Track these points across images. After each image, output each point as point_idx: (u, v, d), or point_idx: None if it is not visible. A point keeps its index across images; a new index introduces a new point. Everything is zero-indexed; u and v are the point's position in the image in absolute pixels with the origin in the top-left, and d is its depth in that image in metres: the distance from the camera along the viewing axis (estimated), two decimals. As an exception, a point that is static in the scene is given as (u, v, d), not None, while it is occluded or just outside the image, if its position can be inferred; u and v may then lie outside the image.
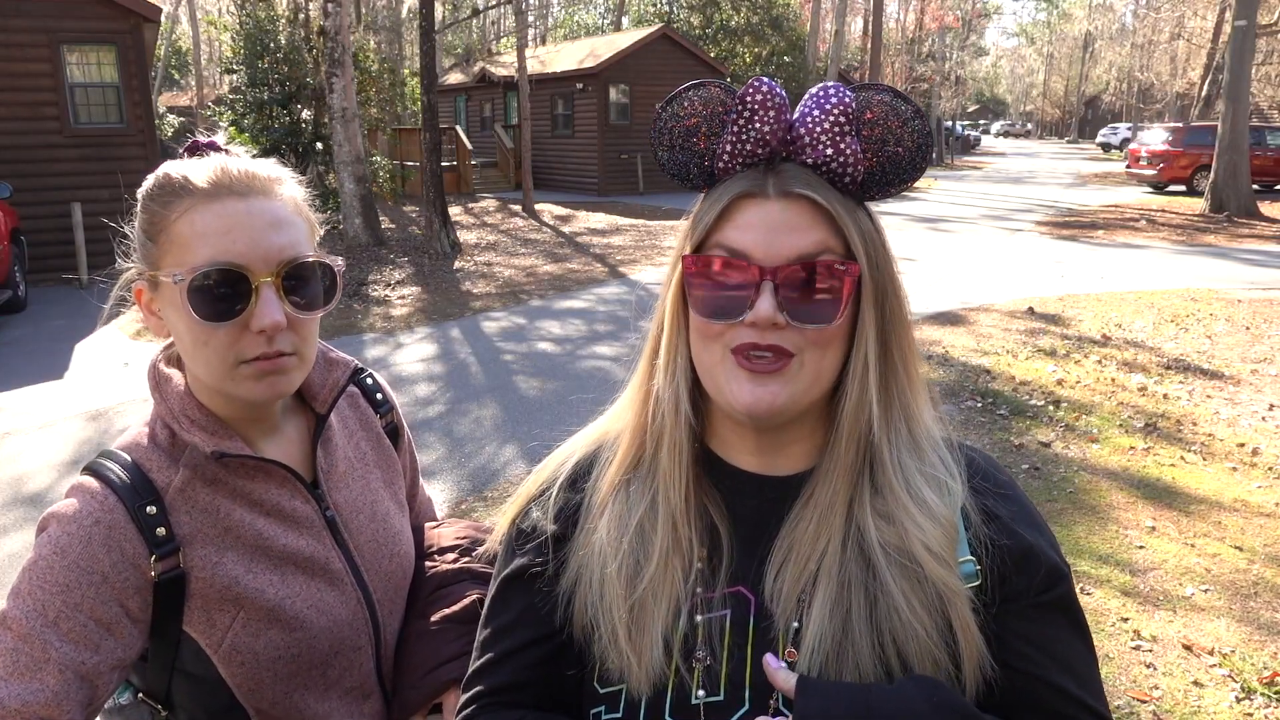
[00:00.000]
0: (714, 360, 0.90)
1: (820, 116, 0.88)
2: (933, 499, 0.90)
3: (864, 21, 39.85)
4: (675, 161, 0.95)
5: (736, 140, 0.89)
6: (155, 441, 1.13)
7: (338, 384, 1.24)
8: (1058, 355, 7.62)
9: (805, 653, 0.87)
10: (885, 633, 0.86)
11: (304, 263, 1.08)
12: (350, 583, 1.19)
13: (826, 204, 0.87)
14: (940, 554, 0.88)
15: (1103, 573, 3.95)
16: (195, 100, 34.77)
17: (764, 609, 0.91)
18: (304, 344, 1.11)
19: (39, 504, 4.87)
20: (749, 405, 0.88)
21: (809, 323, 0.87)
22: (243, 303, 1.04)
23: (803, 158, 0.89)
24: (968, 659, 0.87)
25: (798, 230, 0.87)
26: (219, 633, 1.08)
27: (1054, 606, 0.91)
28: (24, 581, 1.00)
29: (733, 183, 0.90)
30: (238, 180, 1.07)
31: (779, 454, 0.96)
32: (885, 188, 0.92)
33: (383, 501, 1.29)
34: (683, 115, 0.94)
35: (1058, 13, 74.07)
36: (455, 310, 10.18)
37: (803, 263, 0.86)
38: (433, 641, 1.21)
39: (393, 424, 1.39)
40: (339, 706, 1.18)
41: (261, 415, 1.17)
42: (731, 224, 0.89)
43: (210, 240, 1.04)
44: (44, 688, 0.94)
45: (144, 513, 1.05)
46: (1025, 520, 0.94)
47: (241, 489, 1.13)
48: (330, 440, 1.25)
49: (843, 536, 0.90)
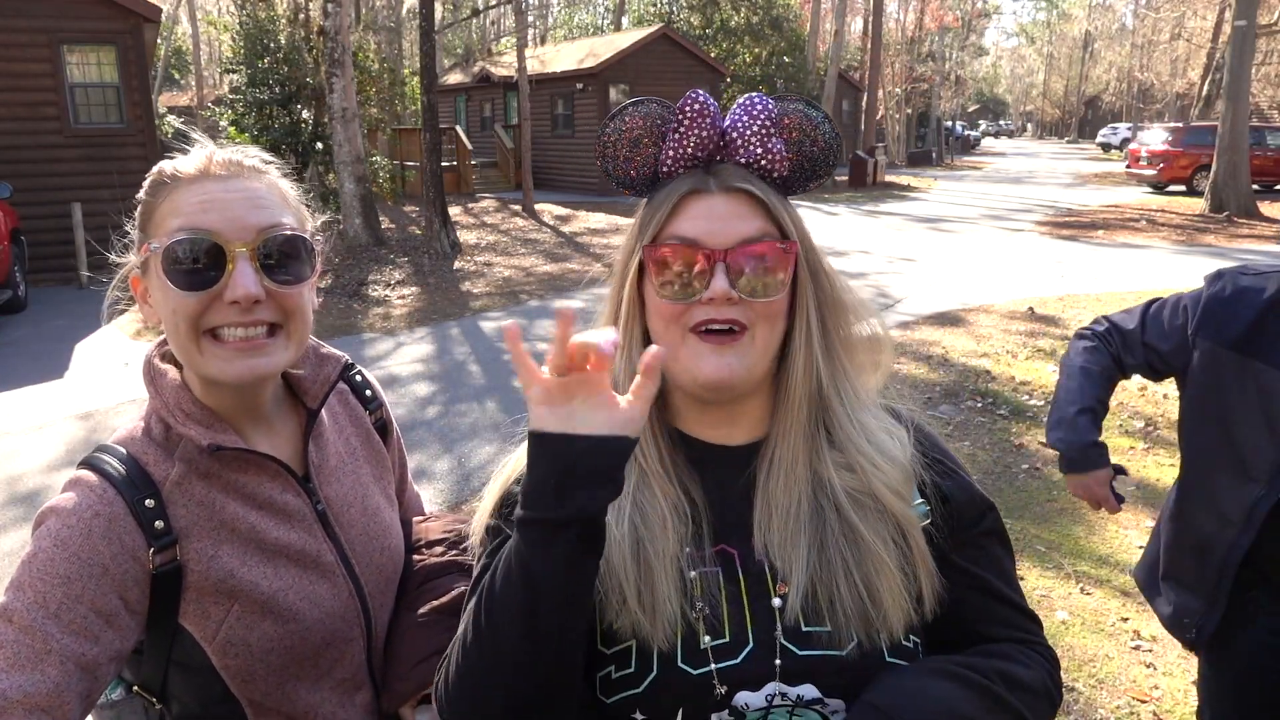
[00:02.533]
0: (675, 340, 1.01)
1: (749, 121, 1.03)
2: (888, 444, 1.05)
3: (864, 21, 39.84)
4: (620, 170, 1.08)
5: (679, 145, 1.03)
6: (150, 435, 1.14)
7: (329, 379, 1.26)
8: (1058, 355, 7.63)
9: (794, 587, 0.98)
10: (855, 567, 0.99)
11: (283, 236, 1.10)
12: (342, 575, 1.21)
13: (763, 195, 1.01)
14: (899, 490, 1.02)
15: (1103, 573, 3.95)
16: (195, 100, 34.77)
17: (749, 560, 1.02)
18: (290, 320, 1.12)
19: (38, 503, 4.86)
20: (711, 376, 0.99)
21: (758, 296, 0.99)
22: (217, 272, 1.06)
23: (736, 157, 1.03)
24: (926, 583, 1.02)
25: (741, 218, 1.00)
26: (214, 625, 1.09)
27: (992, 533, 1.10)
28: (24, 574, 1.00)
29: (678, 183, 1.03)
30: (220, 166, 1.11)
31: (734, 425, 1.08)
32: (806, 180, 1.07)
33: (373, 496, 1.31)
34: (625, 129, 1.06)
35: (1058, 13, 74.08)
36: (455, 310, 10.19)
37: (748, 244, 0.99)
38: (421, 633, 1.23)
39: (382, 420, 1.41)
40: (330, 697, 1.19)
41: (253, 407, 1.18)
42: (682, 217, 1.01)
43: (187, 214, 1.07)
44: (45, 679, 0.94)
45: (142, 506, 1.07)
46: (956, 467, 1.11)
47: (235, 483, 1.14)
48: (321, 435, 1.27)
49: (811, 489, 1.03)
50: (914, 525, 1.02)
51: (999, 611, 1.07)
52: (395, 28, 30.03)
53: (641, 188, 1.08)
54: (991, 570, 1.08)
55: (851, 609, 0.97)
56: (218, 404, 1.15)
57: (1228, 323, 1.88)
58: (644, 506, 1.03)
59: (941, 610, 1.04)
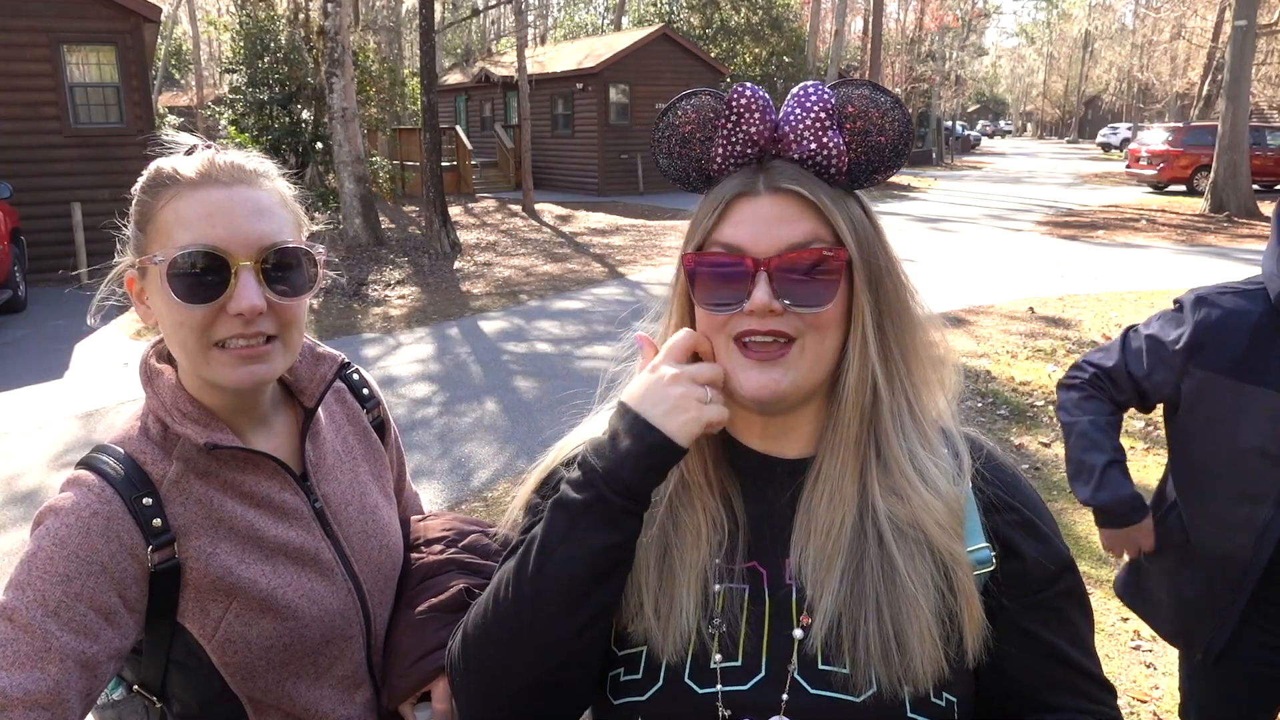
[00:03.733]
0: (720, 351, 0.96)
1: (802, 114, 0.94)
2: (937, 476, 0.96)
3: (864, 21, 39.86)
4: (675, 168, 1.03)
5: (727, 143, 0.96)
6: (148, 435, 1.14)
7: (325, 378, 1.26)
8: (1058, 355, 7.62)
9: (818, 618, 0.93)
10: (886, 605, 0.91)
11: (285, 249, 1.10)
12: (340, 573, 1.21)
13: (812, 196, 0.93)
14: (947, 526, 0.94)
15: (1103, 573, 3.95)
16: (195, 100, 34.75)
17: (778, 582, 0.97)
18: (286, 330, 1.13)
19: (37, 503, 4.86)
20: (755, 391, 0.94)
21: (804, 306, 0.93)
22: (222, 286, 1.06)
23: (789, 154, 0.95)
24: (970, 634, 0.93)
25: (788, 222, 0.93)
26: (212, 622, 1.10)
27: (1069, 594, 1.00)
28: (23, 573, 1.00)
29: (727, 183, 0.97)
30: (223, 170, 1.11)
31: (785, 437, 1.02)
32: (872, 175, 0.98)
33: (371, 494, 1.31)
34: (677, 124, 1.01)
35: (1058, 13, 74.08)
36: (455, 310, 10.19)
37: (794, 251, 0.92)
38: (420, 630, 1.23)
39: (379, 419, 1.41)
40: (330, 695, 1.19)
41: (250, 407, 1.19)
42: (727, 222, 0.95)
43: (192, 225, 1.07)
44: (45, 677, 0.94)
45: (140, 504, 1.07)
46: (1035, 516, 1.01)
47: (233, 481, 1.15)
48: (318, 433, 1.27)
49: (857, 511, 0.95)
50: (962, 565, 0.94)
51: (1068, 679, 0.98)
52: (395, 28, 30.02)
53: (698, 185, 1.03)
54: (1064, 635, 0.98)
55: (876, 650, 0.90)
56: (215, 403, 1.15)
57: (1220, 348, 1.87)
58: (678, 514, 1.00)
59: (1004, 675, 0.96)
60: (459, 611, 1.19)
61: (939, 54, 42.36)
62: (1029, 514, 1.00)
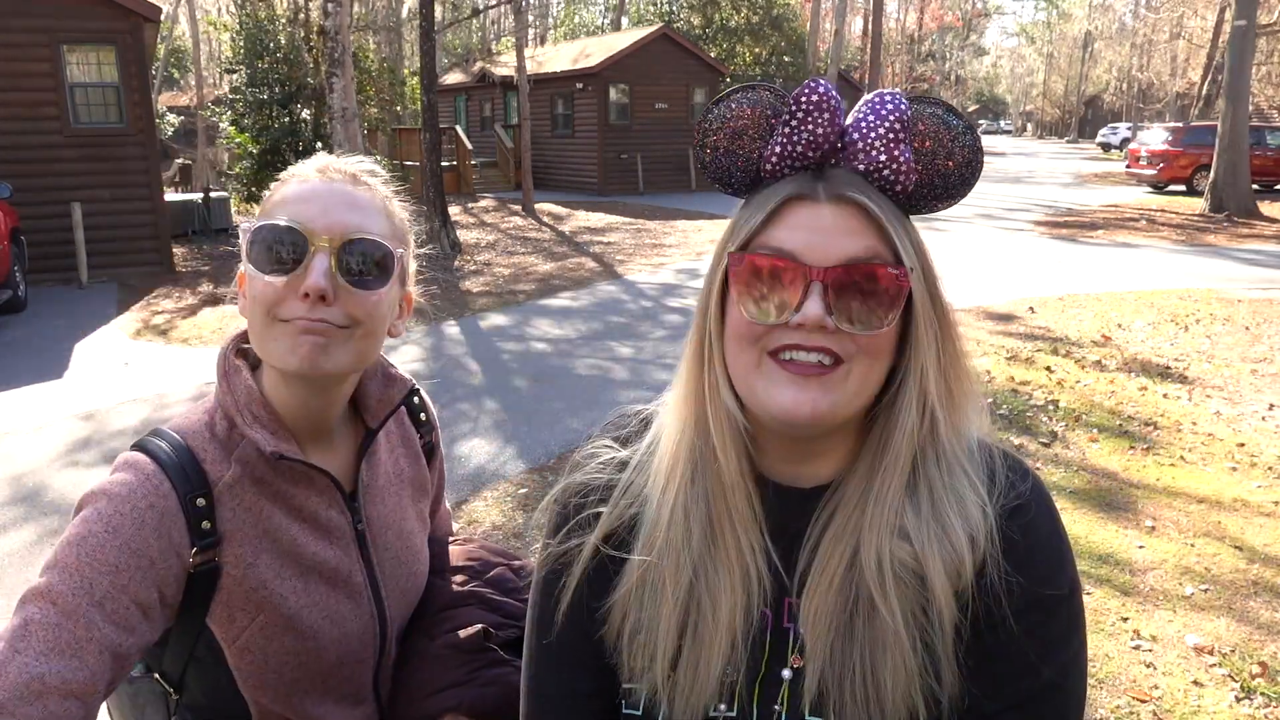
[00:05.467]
0: (749, 364, 0.87)
1: (875, 122, 0.87)
2: (957, 525, 0.87)
3: (864, 21, 39.85)
4: (719, 165, 0.93)
5: (788, 141, 0.88)
6: (213, 431, 1.13)
7: (393, 401, 1.26)
8: (1057, 355, 7.62)
9: (810, 663, 0.88)
10: (869, 658, 0.86)
11: (366, 240, 1.09)
12: (367, 597, 1.21)
13: (878, 210, 0.85)
14: (952, 578, 0.86)
15: (1102, 572, 3.95)
16: (195, 100, 34.74)
17: (779, 623, 0.92)
18: (359, 324, 1.10)
19: (37, 503, 4.87)
20: (788, 410, 0.85)
21: (859, 326, 0.84)
22: (297, 263, 1.06)
23: (854, 163, 0.87)
24: (949, 689, 0.87)
25: (849, 234, 0.85)
26: (236, 630, 1.10)
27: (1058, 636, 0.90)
28: (70, 556, 0.98)
29: (781, 185, 0.88)
30: (332, 169, 1.14)
31: (805, 464, 0.94)
32: (933, 202, 0.91)
33: (409, 519, 1.31)
34: (730, 117, 0.91)
35: (1058, 13, 74.06)
36: (455, 310, 10.18)
37: (853, 266, 0.84)
38: (434, 666, 1.22)
39: (431, 443, 1.41)
40: (334, 710, 1.19)
41: (320, 422, 1.18)
42: (780, 225, 0.86)
43: (286, 205, 1.10)
44: (84, 667, 0.93)
45: (194, 503, 1.06)
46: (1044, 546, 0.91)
47: (284, 492, 1.14)
48: (375, 454, 1.26)
49: (864, 554, 0.88)
50: (952, 617, 0.87)
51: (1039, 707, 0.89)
52: (395, 28, 30.01)
53: (740, 187, 0.93)
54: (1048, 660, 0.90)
55: (860, 703, 0.86)
56: (286, 411, 1.14)
57: None
58: (708, 571, 0.92)
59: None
60: (477, 653, 1.19)
61: (939, 54, 42.36)
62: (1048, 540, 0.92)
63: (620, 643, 0.96)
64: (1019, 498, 0.91)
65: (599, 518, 0.99)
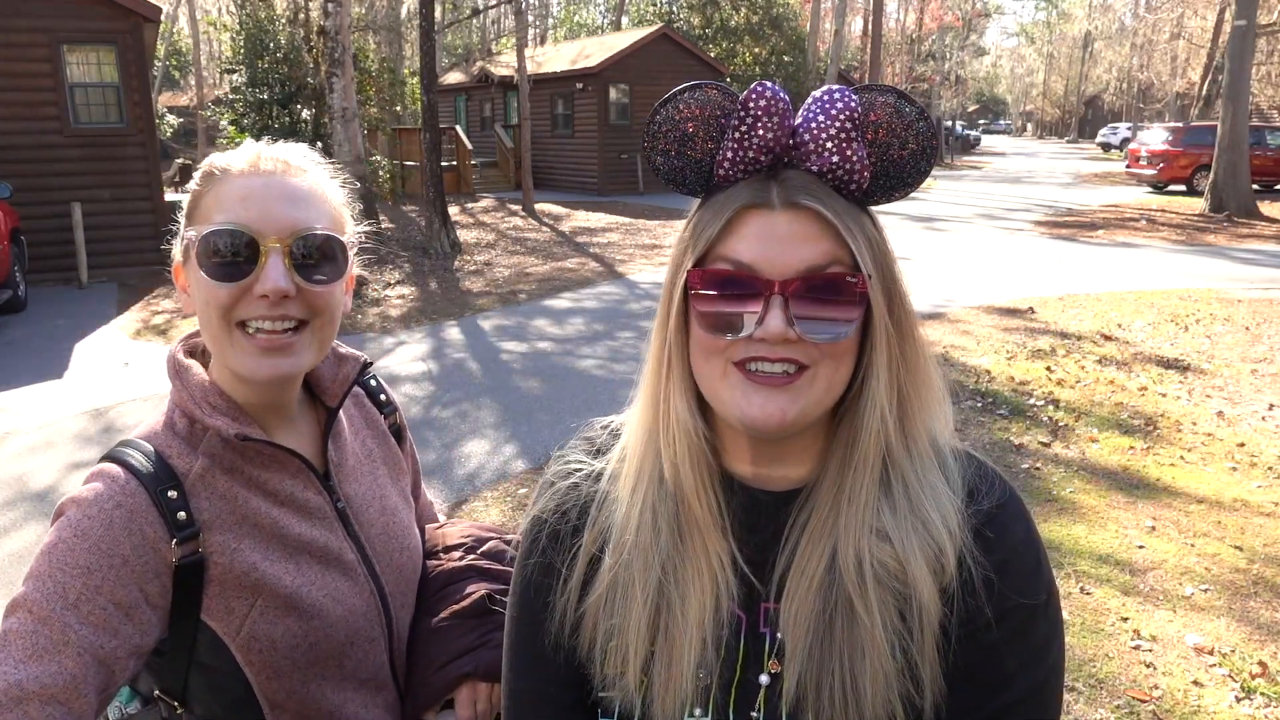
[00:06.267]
0: (715, 374, 0.87)
1: (826, 122, 0.85)
2: (935, 520, 0.88)
3: (864, 21, 39.85)
4: (670, 166, 0.91)
5: (738, 147, 0.86)
6: (173, 429, 1.14)
7: (348, 378, 1.26)
8: (1057, 355, 7.62)
9: (788, 666, 0.88)
10: (849, 662, 0.86)
11: (315, 235, 1.10)
12: (363, 574, 1.21)
13: (833, 216, 0.84)
14: (934, 574, 0.87)
15: (1103, 572, 3.95)
16: (195, 100, 34.73)
17: (754, 628, 0.91)
18: (317, 318, 1.12)
19: (39, 503, 4.87)
20: (757, 419, 0.85)
21: (822, 336, 0.84)
22: (250, 266, 1.07)
23: (807, 165, 0.86)
24: (929, 692, 0.87)
25: (805, 241, 0.84)
26: (237, 620, 1.09)
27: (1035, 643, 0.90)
28: (43, 564, 0.99)
29: (735, 192, 0.87)
30: (268, 161, 1.13)
31: (775, 465, 0.93)
32: (889, 192, 0.90)
33: (390, 496, 1.31)
34: (678, 119, 0.89)
35: (1058, 13, 74.06)
36: (454, 310, 10.18)
37: (812, 275, 0.83)
38: (442, 637, 1.23)
39: (396, 425, 1.41)
40: (354, 698, 1.19)
41: (279, 405, 1.19)
42: (736, 236, 0.85)
43: (228, 207, 1.09)
44: (62, 670, 0.93)
45: (165, 497, 1.06)
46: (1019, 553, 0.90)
47: (257, 478, 1.15)
48: (340, 434, 1.27)
49: (841, 555, 0.88)
50: (934, 619, 0.87)
51: None
52: (395, 28, 30.00)
53: (693, 187, 0.92)
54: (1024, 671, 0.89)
55: (838, 707, 0.85)
56: (244, 399, 1.15)
57: None
58: (678, 570, 0.91)
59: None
60: (480, 617, 1.20)
61: (939, 54, 42.36)
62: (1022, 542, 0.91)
63: (594, 651, 0.95)
64: (993, 505, 0.91)
65: (577, 531, 0.99)
